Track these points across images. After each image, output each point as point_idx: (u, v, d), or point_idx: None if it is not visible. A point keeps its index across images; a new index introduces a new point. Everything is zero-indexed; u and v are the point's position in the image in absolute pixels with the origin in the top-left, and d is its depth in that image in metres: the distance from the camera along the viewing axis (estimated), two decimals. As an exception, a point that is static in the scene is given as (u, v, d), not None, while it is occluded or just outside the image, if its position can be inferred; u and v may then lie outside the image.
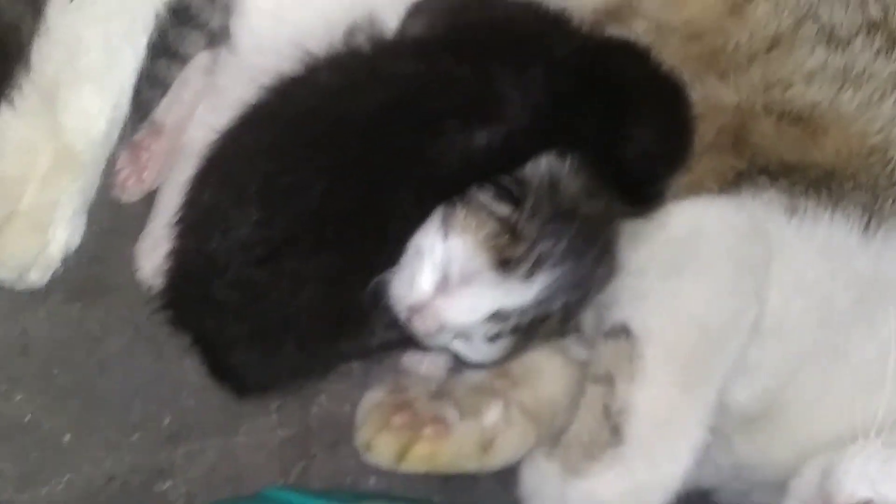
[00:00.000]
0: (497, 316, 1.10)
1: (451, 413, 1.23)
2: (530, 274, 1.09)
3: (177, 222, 1.13)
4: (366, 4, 1.19)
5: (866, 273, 1.19)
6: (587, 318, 1.20)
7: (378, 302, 1.10)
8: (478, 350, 1.12)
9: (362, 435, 1.23)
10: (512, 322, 1.10)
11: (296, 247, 1.07)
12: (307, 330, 1.09)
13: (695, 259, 1.17)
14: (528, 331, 1.12)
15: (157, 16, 1.15)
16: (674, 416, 1.13)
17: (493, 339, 1.11)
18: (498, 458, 1.23)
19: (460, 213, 1.09)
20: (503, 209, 1.09)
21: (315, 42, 1.15)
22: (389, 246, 1.09)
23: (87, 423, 1.20)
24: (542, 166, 1.12)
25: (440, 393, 1.25)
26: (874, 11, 1.21)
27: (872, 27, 1.21)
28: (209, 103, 1.20)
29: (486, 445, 1.22)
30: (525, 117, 1.10)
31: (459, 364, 1.21)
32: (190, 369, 1.21)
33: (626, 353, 1.13)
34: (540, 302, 1.10)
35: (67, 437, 1.20)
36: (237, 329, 1.11)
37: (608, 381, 1.13)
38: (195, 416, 1.23)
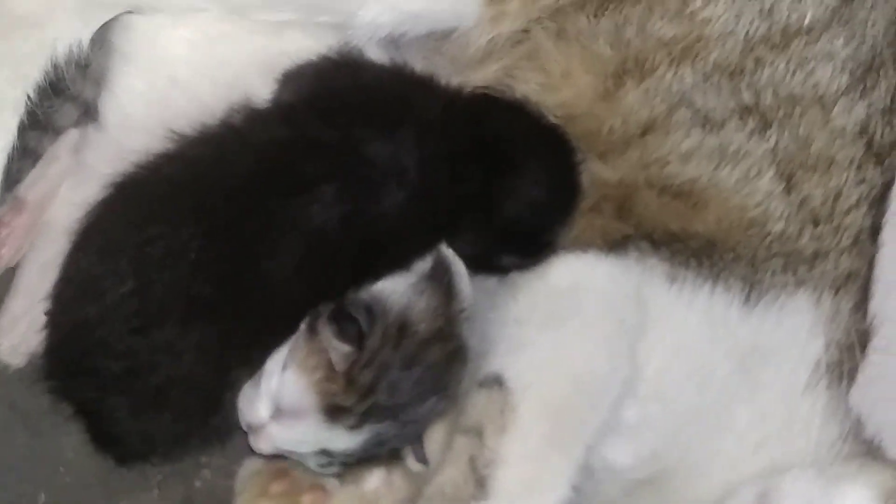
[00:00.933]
0: (324, 452, 1.11)
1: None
2: (357, 426, 1.10)
3: (53, 293, 1.14)
4: (240, 86, 1.21)
5: (746, 343, 1.20)
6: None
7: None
8: (313, 465, 1.14)
9: (241, 502, 1.22)
10: (339, 459, 1.12)
11: (170, 317, 1.07)
12: (183, 401, 1.10)
13: (576, 314, 1.17)
14: (358, 462, 1.14)
15: (27, 98, 1.16)
16: (542, 472, 1.12)
17: (325, 466, 1.13)
18: (379, 523, 1.22)
19: (302, 348, 1.10)
20: (342, 348, 1.09)
21: (187, 122, 1.17)
22: (269, 319, 1.10)
23: (-38, 504, 1.19)
24: (396, 295, 1.12)
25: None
26: (746, 96, 1.24)
27: (745, 111, 1.24)
28: (74, 181, 1.21)
29: (366, 511, 1.22)
30: (399, 182, 1.12)
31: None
32: (67, 446, 1.21)
33: (499, 404, 1.12)
34: (365, 449, 1.12)
35: (-59, 518, 1.19)
36: (116, 398, 1.11)
37: (477, 432, 1.12)
38: (73, 492, 1.22)
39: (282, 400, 1.09)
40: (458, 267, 1.17)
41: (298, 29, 1.21)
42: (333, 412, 1.09)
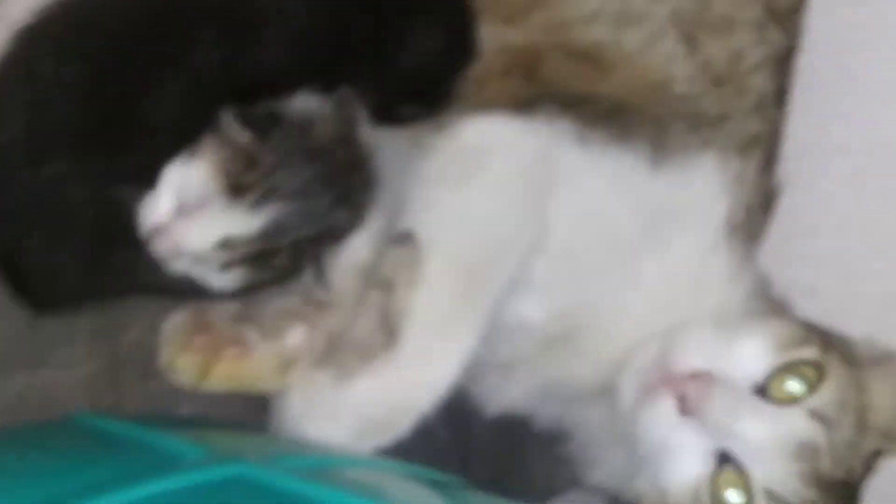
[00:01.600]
0: (226, 244, 1.11)
1: (252, 335, 1.24)
2: (258, 203, 1.11)
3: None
4: None
5: (653, 203, 1.23)
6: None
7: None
8: (214, 278, 1.14)
9: (165, 355, 1.25)
10: (240, 252, 1.12)
11: (59, 151, 1.08)
12: (82, 232, 1.11)
13: (484, 172, 1.19)
14: (257, 263, 1.14)
15: None
16: (449, 322, 1.15)
17: (225, 267, 1.13)
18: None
19: (205, 139, 1.11)
20: (243, 137, 1.10)
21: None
22: (154, 155, 1.11)
23: None
24: (299, 105, 1.13)
25: (243, 316, 1.26)
26: None
27: None
28: None
29: (287, 366, 1.24)
30: (285, 27, 1.12)
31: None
32: None
33: (409, 259, 1.15)
34: (266, 234, 1.12)
35: None
36: (23, 238, 1.12)
37: (388, 286, 1.15)
38: (-2, 347, 1.24)
39: (184, 190, 1.10)
40: (360, 109, 1.18)
41: None
42: (235, 190, 1.10)
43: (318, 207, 1.14)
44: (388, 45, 1.17)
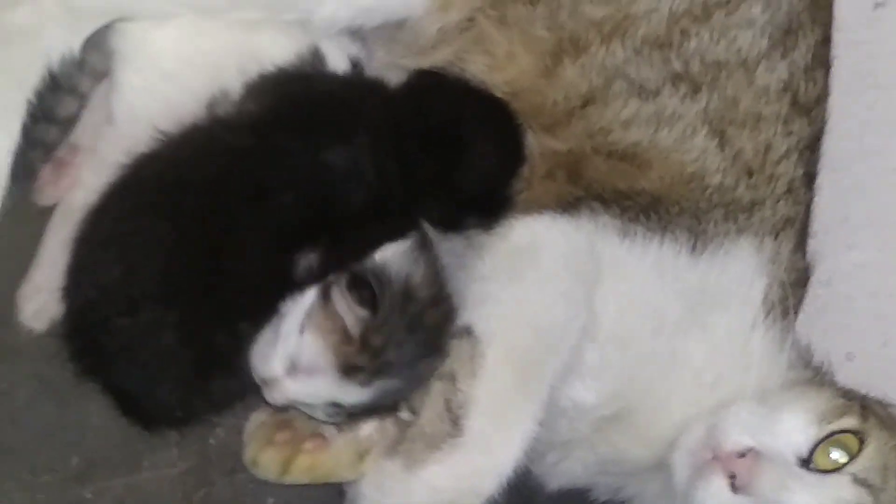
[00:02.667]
0: (332, 404, 1.20)
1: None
2: (368, 382, 1.18)
3: (64, 283, 1.23)
4: (222, 76, 1.31)
5: (695, 287, 1.27)
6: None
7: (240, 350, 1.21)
8: (319, 417, 1.23)
9: (249, 452, 1.30)
10: (346, 411, 1.21)
11: (151, 300, 1.17)
12: (174, 372, 1.19)
13: (535, 268, 1.24)
14: (362, 413, 1.23)
15: (28, 102, 1.24)
16: (509, 409, 1.20)
17: (331, 416, 1.22)
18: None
19: (319, 313, 1.18)
20: (360, 313, 1.18)
21: (181, 111, 1.27)
22: (237, 299, 1.19)
23: (2, 469, 1.28)
24: (393, 262, 1.21)
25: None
26: (676, 65, 1.31)
27: (676, 78, 1.31)
28: (91, 169, 1.31)
29: (363, 455, 1.29)
30: (362, 182, 1.21)
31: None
32: (93, 413, 1.30)
33: (469, 352, 1.20)
34: (372, 402, 1.20)
35: (-18, 483, 1.27)
36: (124, 371, 1.21)
37: (451, 377, 1.20)
38: (100, 455, 1.31)
39: (299, 359, 1.17)
40: (434, 237, 1.26)
41: (270, 25, 1.29)
42: (348, 371, 1.17)
43: (421, 371, 1.21)
44: (450, 172, 1.25)
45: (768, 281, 1.30)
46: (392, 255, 1.21)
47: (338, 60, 1.34)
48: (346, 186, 1.21)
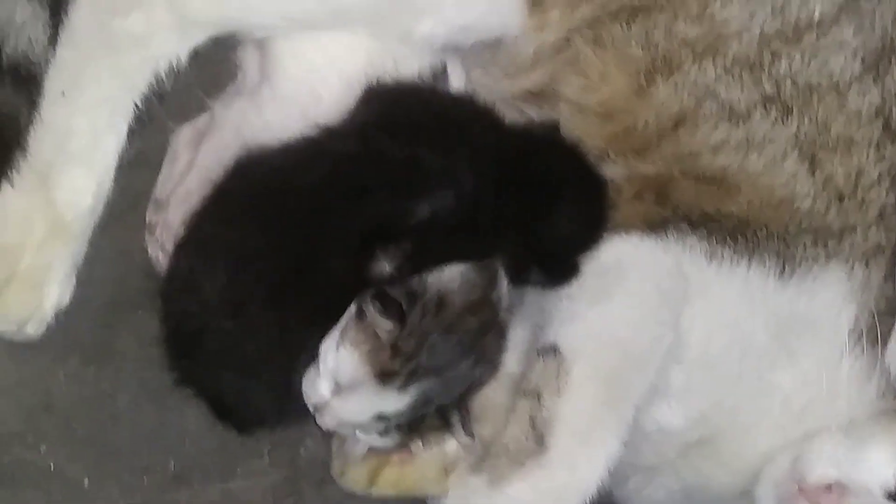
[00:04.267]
0: (380, 417, 1.19)
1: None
2: (404, 386, 1.17)
3: (163, 291, 1.25)
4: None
5: (783, 313, 1.25)
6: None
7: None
8: (375, 439, 1.22)
9: (337, 464, 1.30)
10: (394, 422, 1.19)
11: (254, 304, 1.18)
12: (272, 373, 1.20)
13: (622, 288, 1.23)
14: (411, 426, 1.22)
15: (135, 105, 1.27)
16: (594, 428, 1.18)
17: (383, 433, 1.21)
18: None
19: (352, 328, 1.18)
20: (386, 325, 1.17)
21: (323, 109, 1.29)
22: (333, 305, 1.20)
23: (104, 469, 1.30)
24: (432, 279, 1.20)
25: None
26: (767, 87, 1.29)
27: (767, 100, 1.29)
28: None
29: (448, 470, 1.28)
30: (454, 194, 1.21)
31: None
32: (191, 419, 1.31)
33: (555, 369, 1.20)
34: (415, 407, 1.19)
35: (86, 482, 1.30)
36: (222, 375, 1.22)
37: (536, 395, 1.19)
38: (197, 460, 1.32)
39: (339, 375, 1.17)
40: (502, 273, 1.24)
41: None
42: (384, 377, 1.16)
43: (459, 373, 1.19)
44: (533, 223, 1.24)
45: (858, 308, 1.27)
46: (432, 274, 1.21)
47: (459, 80, 1.35)
48: (439, 187, 1.21)
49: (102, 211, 1.29)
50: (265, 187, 1.23)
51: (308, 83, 1.30)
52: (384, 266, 1.19)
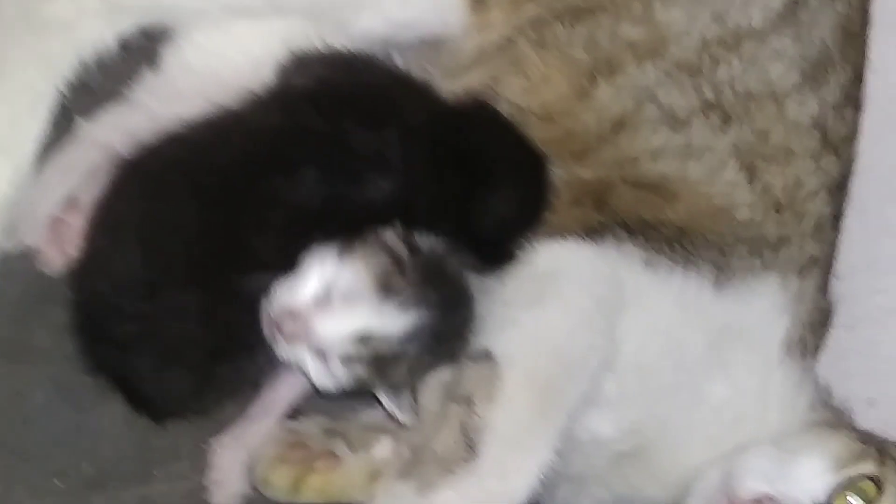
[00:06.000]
0: (362, 339, 1.13)
1: (341, 448, 1.26)
2: (405, 306, 1.13)
3: (74, 271, 1.20)
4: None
5: (718, 322, 1.24)
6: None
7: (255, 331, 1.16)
8: (328, 372, 1.15)
9: (259, 470, 1.26)
10: (371, 348, 1.14)
11: (171, 283, 1.13)
12: (190, 356, 1.15)
13: (557, 294, 1.21)
14: (377, 367, 1.15)
15: (58, 92, 1.21)
16: (526, 436, 1.16)
17: (347, 362, 1.14)
18: (386, 488, 1.26)
19: (359, 244, 1.15)
20: (400, 249, 1.15)
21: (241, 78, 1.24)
22: (255, 280, 1.14)
23: (13, 472, 1.23)
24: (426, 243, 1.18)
25: (332, 431, 1.28)
26: (708, 93, 1.28)
27: (707, 107, 1.28)
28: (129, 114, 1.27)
29: (375, 476, 1.25)
30: (387, 176, 1.17)
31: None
32: (107, 419, 1.25)
33: (487, 375, 1.16)
34: (403, 338, 1.14)
35: (-6, 485, 1.23)
36: (136, 360, 1.16)
37: (468, 401, 1.16)
38: (113, 464, 1.27)
39: (336, 284, 1.13)
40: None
41: None
42: (388, 290, 1.13)
43: (447, 328, 1.17)
44: (469, 203, 1.21)
45: (791, 320, 1.27)
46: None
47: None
48: (369, 175, 1.17)
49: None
50: (181, 161, 1.18)
51: (215, 71, 1.27)
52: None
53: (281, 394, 1.29)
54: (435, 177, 1.20)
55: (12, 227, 1.24)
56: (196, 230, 1.13)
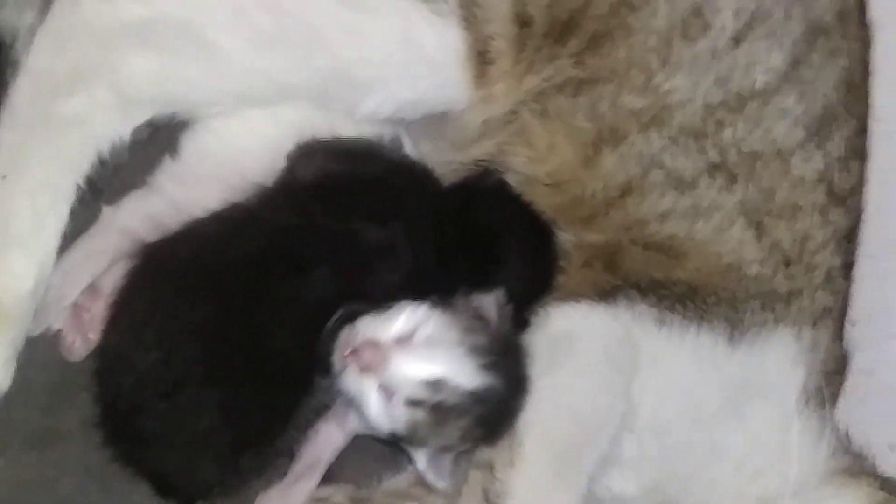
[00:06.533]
0: (434, 384, 1.14)
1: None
2: (486, 368, 1.15)
3: (96, 368, 1.22)
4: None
5: (734, 377, 1.24)
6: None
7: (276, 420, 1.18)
8: (387, 411, 1.16)
9: None
10: (438, 397, 1.15)
11: (191, 382, 1.15)
12: (213, 450, 1.17)
13: (572, 357, 1.22)
14: (438, 420, 1.16)
15: (77, 188, 1.24)
16: (548, 499, 1.16)
17: (412, 405, 1.15)
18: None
19: (457, 301, 1.18)
20: (495, 317, 1.17)
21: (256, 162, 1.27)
22: (274, 379, 1.17)
23: (47, 560, 1.24)
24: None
25: (359, 500, 1.28)
26: (713, 155, 1.28)
27: (713, 168, 1.28)
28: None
29: (400, 543, 1.25)
30: (398, 264, 1.20)
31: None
32: (136, 501, 1.25)
33: (507, 440, 1.17)
34: (471, 397, 1.15)
35: (28, 573, 1.24)
36: (161, 453, 1.18)
37: (489, 466, 1.17)
38: (145, 547, 1.27)
39: (423, 328, 1.14)
40: None
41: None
42: (474, 348, 1.15)
43: (507, 406, 1.18)
44: (482, 277, 1.24)
45: (807, 370, 1.27)
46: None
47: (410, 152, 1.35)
48: (381, 266, 1.20)
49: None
50: (197, 259, 1.20)
51: (232, 157, 1.29)
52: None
53: (323, 451, 1.28)
54: (445, 261, 1.22)
55: (37, 312, 1.26)
56: (214, 328, 1.16)
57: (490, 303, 1.19)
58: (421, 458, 1.21)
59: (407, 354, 1.15)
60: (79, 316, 1.28)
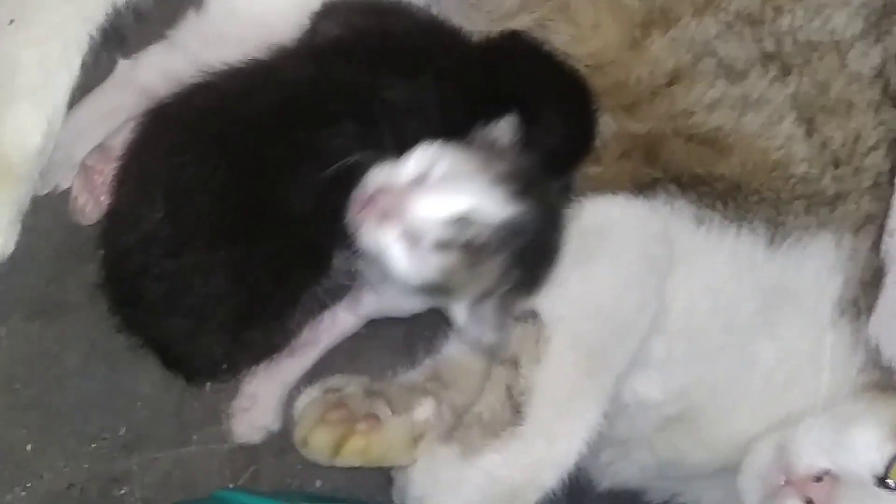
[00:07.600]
0: (460, 221, 1.06)
1: (383, 410, 1.21)
2: (515, 196, 1.07)
3: (102, 227, 1.16)
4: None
5: (770, 283, 1.18)
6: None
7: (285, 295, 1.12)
8: (415, 261, 1.07)
9: (299, 431, 1.21)
10: (469, 234, 1.06)
11: (198, 240, 1.08)
12: (220, 317, 1.10)
13: (606, 250, 1.16)
14: (471, 260, 1.07)
15: (90, 38, 1.16)
16: (573, 399, 1.11)
17: (441, 247, 1.06)
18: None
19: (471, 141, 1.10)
20: (509, 140, 1.10)
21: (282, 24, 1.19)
22: (288, 242, 1.09)
23: (47, 434, 1.20)
24: None
25: (373, 392, 1.23)
26: (768, 44, 1.22)
27: (766, 58, 1.22)
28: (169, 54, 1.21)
29: (417, 439, 1.20)
30: (419, 123, 1.11)
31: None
32: (144, 381, 1.22)
33: (534, 336, 1.12)
34: (503, 230, 1.07)
35: (29, 447, 1.20)
36: (167, 320, 1.12)
37: (513, 363, 1.11)
38: (149, 426, 1.23)
39: (439, 164, 1.06)
40: None
41: None
42: (500, 177, 1.07)
43: (543, 243, 1.10)
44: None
45: (845, 279, 1.21)
46: None
47: None
48: (407, 122, 1.11)
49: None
50: (211, 112, 1.12)
51: (260, 16, 1.21)
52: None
53: (325, 333, 1.24)
54: (474, 118, 1.14)
55: (45, 171, 1.18)
56: (225, 184, 1.08)
57: (504, 129, 1.11)
58: (460, 313, 1.13)
59: (425, 194, 1.05)
60: (90, 177, 1.22)
